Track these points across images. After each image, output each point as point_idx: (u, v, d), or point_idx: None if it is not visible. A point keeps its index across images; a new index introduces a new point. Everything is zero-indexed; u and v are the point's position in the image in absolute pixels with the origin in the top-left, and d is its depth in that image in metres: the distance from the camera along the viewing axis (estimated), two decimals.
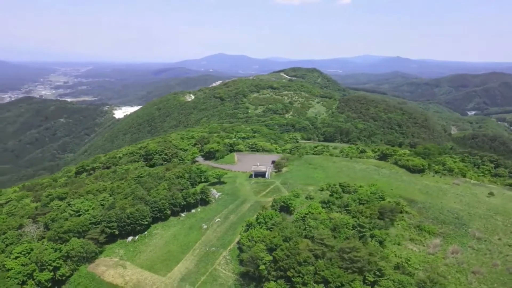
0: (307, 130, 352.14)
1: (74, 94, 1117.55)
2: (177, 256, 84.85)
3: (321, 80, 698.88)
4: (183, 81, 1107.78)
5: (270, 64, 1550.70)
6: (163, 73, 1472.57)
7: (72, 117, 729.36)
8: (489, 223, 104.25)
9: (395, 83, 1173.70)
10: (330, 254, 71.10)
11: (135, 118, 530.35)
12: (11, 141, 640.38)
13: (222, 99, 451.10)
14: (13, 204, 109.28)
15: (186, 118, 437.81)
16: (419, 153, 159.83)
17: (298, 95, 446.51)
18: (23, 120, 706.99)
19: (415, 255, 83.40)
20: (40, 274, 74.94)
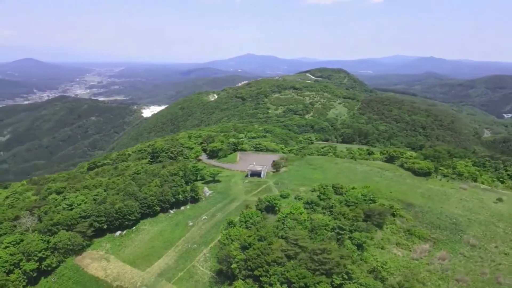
0: (326, 131, 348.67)
1: (107, 94, 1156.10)
2: (159, 252, 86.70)
3: (347, 81, 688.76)
4: (210, 81, 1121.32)
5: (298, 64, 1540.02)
6: (192, 73, 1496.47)
7: (103, 115, 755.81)
8: (488, 229, 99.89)
9: (427, 84, 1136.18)
10: (302, 255, 70.45)
11: (160, 117, 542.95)
12: (46, 138, 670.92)
13: (244, 99, 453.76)
14: (16, 196, 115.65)
15: (208, 117, 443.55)
16: (428, 156, 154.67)
17: (320, 95, 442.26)
18: (58, 118, 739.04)
19: (396, 259, 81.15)
20: (26, 264, 78.79)
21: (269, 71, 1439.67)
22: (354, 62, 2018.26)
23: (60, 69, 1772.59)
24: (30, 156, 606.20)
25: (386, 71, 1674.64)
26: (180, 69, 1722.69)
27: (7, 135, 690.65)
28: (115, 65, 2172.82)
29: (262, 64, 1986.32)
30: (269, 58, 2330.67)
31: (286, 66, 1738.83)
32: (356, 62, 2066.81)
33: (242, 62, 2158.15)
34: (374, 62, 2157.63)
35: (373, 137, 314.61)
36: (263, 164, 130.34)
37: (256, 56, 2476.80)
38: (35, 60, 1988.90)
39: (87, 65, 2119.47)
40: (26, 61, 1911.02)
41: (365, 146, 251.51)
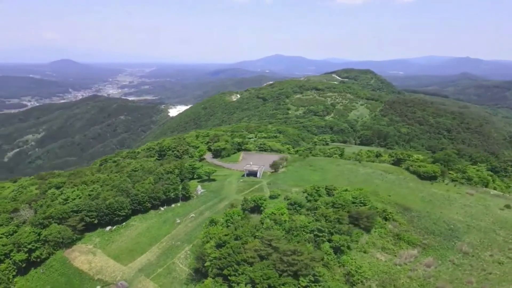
0: (345, 132, 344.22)
1: (137, 93, 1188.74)
2: (144, 248, 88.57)
3: (374, 82, 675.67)
4: (237, 81, 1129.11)
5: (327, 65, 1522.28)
6: (221, 73, 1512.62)
7: (131, 114, 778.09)
8: (487, 237, 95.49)
9: (460, 86, 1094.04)
10: (274, 256, 69.96)
11: (183, 116, 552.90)
12: (77, 135, 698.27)
13: (265, 100, 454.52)
14: (20, 190, 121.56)
15: (229, 117, 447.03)
16: (438, 159, 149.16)
17: (342, 97, 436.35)
18: (89, 116, 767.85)
19: (377, 264, 78.85)
20: (17, 254, 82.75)
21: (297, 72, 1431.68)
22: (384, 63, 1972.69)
23: (95, 69, 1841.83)
24: (62, 153, 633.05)
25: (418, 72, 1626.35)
26: (209, 69, 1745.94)
27: (42, 132, 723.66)
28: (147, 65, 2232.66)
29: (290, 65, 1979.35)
30: (297, 59, 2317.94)
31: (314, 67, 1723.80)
32: (387, 62, 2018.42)
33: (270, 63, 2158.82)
34: (405, 63, 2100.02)
35: (393, 139, 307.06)
36: (263, 164, 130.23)
37: (284, 56, 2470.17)
38: (71, 61, 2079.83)
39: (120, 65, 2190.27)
40: (63, 62, 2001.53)
41: (381, 148, 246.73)
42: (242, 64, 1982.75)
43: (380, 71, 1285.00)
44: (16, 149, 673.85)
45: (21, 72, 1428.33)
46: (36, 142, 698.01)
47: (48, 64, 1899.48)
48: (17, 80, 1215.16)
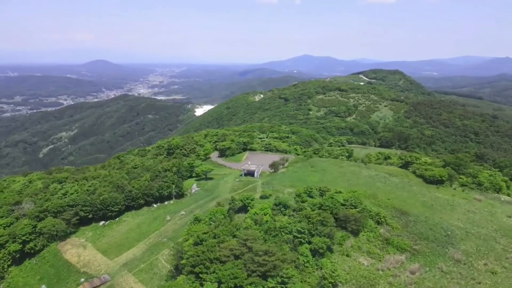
0: (366, 134, 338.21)
1: (166, 93, 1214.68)
2: (131, 243, 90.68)
3: (402, 83, 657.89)
4: (264, 81, 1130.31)
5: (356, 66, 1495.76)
6: (249, 73, 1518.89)
7: (159, 113, 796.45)
8: (486, 245, 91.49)
9: (498, 87, 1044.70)
10: (247, 255, 69.86)
11: (207, 116, 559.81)
12: (107, 133, 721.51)
13: (287, 100, 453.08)
14: (26, 184, 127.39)
15: (251, 117, 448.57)
16: (449, 163, 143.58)
17: (366, 98, 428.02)
18: (119, 115, 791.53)
19: (358, 268, 77.00)
20: (12, 245, 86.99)
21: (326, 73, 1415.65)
22: (417, 63, 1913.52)
23: (127, 69, 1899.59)
24: (93, 150, 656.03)
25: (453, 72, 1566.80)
26: (238, 69, 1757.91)
27: (75, 130, 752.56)
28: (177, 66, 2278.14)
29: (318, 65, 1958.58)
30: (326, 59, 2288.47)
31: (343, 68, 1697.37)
32: (420, 63, 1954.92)
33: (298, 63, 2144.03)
34: (440, 63, 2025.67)
35: (413, 141, 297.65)
36: (261, 164, 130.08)
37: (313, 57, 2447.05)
38: (106, 61, 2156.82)
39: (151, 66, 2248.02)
40: (98, 62, 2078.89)
41: (398, 151, 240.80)
42: (270, 65, 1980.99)
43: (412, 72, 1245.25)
44: (50, 145, 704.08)
45: (59, 72, 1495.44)
46: (69, 139, 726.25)
47: (84, 65, 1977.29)
48: (55, 80, 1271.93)
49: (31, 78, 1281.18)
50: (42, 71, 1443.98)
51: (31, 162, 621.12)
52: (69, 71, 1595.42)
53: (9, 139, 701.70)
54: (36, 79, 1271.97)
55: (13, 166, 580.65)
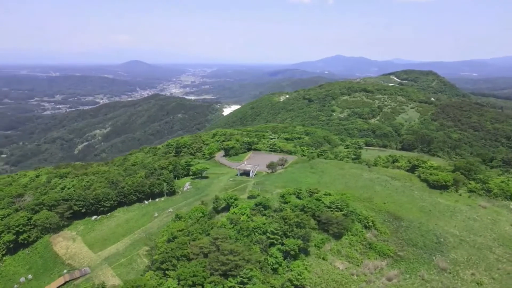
0: (388, 136, 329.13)
1: (197, 93, 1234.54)
2: (117, 238, 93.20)
3: (436, 84, 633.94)
4: (294, 82, 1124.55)
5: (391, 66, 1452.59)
6: (279, 74, 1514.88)
7: (188, 113, 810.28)
8: (479, 254, 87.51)
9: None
10: (214, 254, 70.13)
11: (232, 116, 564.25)
12: (138, 131, 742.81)
13: (310, 101, 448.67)
14: (34, 178, 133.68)
15: (274, 118, 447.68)
16: (459, 167, 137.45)
17: (392, 99, 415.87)
18: (150, 114, 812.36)
19: (331, 272, 75.21)
20: (6, 235, 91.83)
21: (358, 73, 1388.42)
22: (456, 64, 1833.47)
23: (161, 69, 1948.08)
24: (124, 147, 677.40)
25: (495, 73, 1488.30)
26: (268, 70, 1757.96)
27: (108, 127, 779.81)
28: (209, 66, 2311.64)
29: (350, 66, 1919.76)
30: (359, 60, 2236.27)
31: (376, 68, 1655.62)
32: (459, 64, 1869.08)
33: (330, 64, 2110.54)
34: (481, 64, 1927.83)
35: (437, 145, 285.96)
36: (258, 164, 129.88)
37: (345, 57, 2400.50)
38: (141, 61, 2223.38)
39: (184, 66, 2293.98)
40: (134, 62, 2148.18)
41: (420, 154, 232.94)
42: (301, 65, 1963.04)
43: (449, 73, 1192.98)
44: (85, 142, 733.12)
45: (97, 72, 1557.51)
46: (102, 137, 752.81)
47: (120, 65, 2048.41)
48: (93, 80, 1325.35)
49: (71, 78, 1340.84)
50: (81, 71, 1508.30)
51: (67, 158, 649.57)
52: (107, 71, 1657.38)
53: (48, 136, 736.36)
54: (76, 78, 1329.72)
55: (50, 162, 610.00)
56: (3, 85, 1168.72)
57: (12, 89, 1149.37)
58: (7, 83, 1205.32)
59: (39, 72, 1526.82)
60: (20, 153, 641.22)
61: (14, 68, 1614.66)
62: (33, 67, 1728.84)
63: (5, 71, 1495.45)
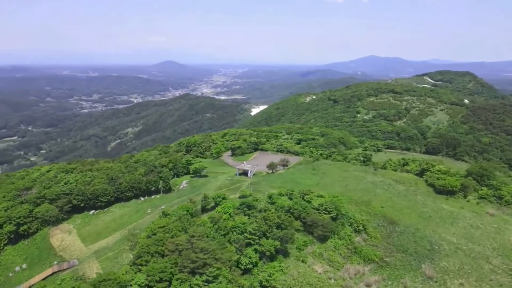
0: (413, 139, 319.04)
1: (228, 93, 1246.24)
2: (109, 233, 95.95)
3: (472, 86, 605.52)
4: (324, 83, 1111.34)
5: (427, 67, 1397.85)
6: (310, 75, 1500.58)
7: (217, 112, 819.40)
8: (472, 263, 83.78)
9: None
10: (186, 251, 70.83)
11: (257, 116, 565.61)
12: (168, 130, 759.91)
13: (335, 102, 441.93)
14: (44, 173, 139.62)
15: (298, 119, 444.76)
16: (472, 173, 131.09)
17: (421, 101, 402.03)
18: (180, 113, 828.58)
19: (308, 275, 73.70)
20: (7, 226, 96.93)
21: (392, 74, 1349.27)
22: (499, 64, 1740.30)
23: (194, 70, 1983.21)
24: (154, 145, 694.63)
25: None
26: (300, 70, 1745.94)
27: (140, 126, 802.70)
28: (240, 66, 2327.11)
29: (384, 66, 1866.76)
30: (394, 60, 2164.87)
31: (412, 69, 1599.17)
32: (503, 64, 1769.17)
33: (363, 64, 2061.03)
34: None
35: (463, 149, 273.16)
36: (257, 165, 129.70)
37: (379, 58, 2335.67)
38: (174, 62, 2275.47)
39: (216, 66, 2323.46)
40: (167, 63, 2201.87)
41: (432, 158, 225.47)
42: (334, 66, 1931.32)
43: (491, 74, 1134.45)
44: (118, 140, 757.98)
45: (132, 72, 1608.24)
46: (134, 135, 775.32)
47: (155, 65, 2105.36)
48: (128, 80, 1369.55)
49: (108, 77, 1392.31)
50: (118, 72, 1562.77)
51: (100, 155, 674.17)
52: (141, 71, 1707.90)
53: (84, 133, 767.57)
54: (113, 78, 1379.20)
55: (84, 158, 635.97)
56: (46, 85, 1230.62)
57: (54, 88, 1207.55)
58: (50, 83, 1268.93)
59: (79, 72, 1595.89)
60: (58, 149, 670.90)
61: (57, 69, 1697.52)
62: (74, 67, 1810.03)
63: (49, 71, 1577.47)
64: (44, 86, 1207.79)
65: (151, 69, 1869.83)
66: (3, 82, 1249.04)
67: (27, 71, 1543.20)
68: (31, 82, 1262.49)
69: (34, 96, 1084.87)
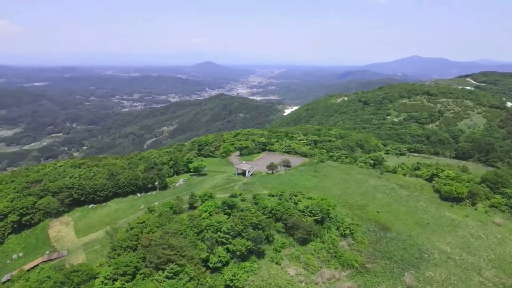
0: (444, 143, 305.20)
1: (263, 93, 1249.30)
2: (101, 226, 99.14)
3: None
4: (361, 84, 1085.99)
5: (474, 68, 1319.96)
6: (348, 76, 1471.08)
7: (250, 113, 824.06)
8: (462, 274, 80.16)
9: None
10: (155, 247, 72.06)
11: (287, 117, 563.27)
12: (201, 129, 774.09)
13: (366, 103, 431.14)
14: (55, 167, 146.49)
15: (326, 120, 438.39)
16: (486, 179, 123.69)
17: (457, 103, 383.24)
18: (213, 113, 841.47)
19: (278, 277, 72.42)
20: (12, 216, 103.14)
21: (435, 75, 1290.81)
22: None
23: (230, 70, 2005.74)
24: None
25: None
26: (338, 71, 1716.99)
27: (175, 125, 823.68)
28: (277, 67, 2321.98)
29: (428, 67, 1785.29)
30: (438, 61, 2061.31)
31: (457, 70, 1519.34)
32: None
33: (404, 65, 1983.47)
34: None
35: (497, 154, 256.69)
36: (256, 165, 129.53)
37: (422, 58, 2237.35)
38: (212, 63, 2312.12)
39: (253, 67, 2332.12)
40: (205, 63, 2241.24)
41: (477, 164, 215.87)
42: (373, 67, 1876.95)
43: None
44: (154, 138, 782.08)
45: (172, 72, 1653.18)
46: (169, 133, 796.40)
47: (193, 66, 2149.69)
48: (167, 80, 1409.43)
49: (148, 77, 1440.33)
50: (158, 72, 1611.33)
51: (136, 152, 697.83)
52: (180, 71, 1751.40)
53: (123, 131, 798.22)
54: (153, 78, 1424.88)
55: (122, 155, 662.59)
56: (91, 84, 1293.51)
57: (98, 88, 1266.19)
58: (94, 83, 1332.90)
59: (122, 72, 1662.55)
60: (98, 146, 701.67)
61: (102, 69, 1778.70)
62: (117, 68, 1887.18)
63: (94, 71, 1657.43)
64: (89, 86, 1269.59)
65: (190, 70, 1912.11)
66: (53, 82, 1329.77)
67: (75, 71, 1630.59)
68: (78, 82, 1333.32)
69: (80, 95, 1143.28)
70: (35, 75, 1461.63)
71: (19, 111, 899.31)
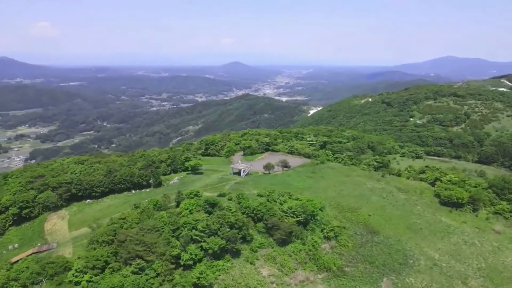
0: (468, 147, 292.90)
1: (290, 94, 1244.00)
2: (93, 221, 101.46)
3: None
4: (390, 85, 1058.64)
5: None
6: (378, 76, 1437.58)
7: (275, 113, 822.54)
8: (445, 282, 78.43)
9: None
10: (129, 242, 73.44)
11: (309, 118, 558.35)
12: (226, 129, 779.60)
13: (389, 105, 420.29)
14: (62, 163, 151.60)
15: (347, 121, 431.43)
16: (494, 185, 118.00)
17: (486, 105, 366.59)
18: (238, 113, 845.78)
19: (250, 277, 72.08)
20: (12, 209, 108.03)
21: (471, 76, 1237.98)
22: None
23: (258, 70, 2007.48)
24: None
25: None
26: (367, 72, 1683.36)
27: (200, 124, 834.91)
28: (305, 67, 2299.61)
29: (463, 68, 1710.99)
30: (474, 61, 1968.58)
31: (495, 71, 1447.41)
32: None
33: (438, 66, 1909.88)
34: None
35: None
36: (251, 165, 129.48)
37: (458, 58, 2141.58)
38: (240, 63, 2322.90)
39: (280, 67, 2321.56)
40: (234, 64, 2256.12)
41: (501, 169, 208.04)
42: (405, 67, 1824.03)
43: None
44: (179, 137, 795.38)
45: (200, 73, 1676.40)
46: (194, 132, 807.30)
47: (222, 66, 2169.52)
48: (195, 80, 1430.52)
49: (177, 77, 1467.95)
50: (187, 72, 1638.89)
51: None
52: (209, 72, 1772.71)
53: (150, 130, 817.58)
54: (181, 78, 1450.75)
55: None
56: (122, 84, 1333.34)
57: (129, 87, 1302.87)
58: (125, 82, 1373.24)
59: (152, 72, 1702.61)
60: (126, 144, 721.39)
61: (133, 69, 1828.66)
62: (148, 68, 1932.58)
63: (126, 71, 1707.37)
64: (121, 86, 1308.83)
65: (218, 70, 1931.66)
66: (88, 81, 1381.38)
67: (108, 71, 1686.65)
68: (111, 81, 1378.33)
69: (111, 94, 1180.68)
70: (71, 74, 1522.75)
71: (54, 110, 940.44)
